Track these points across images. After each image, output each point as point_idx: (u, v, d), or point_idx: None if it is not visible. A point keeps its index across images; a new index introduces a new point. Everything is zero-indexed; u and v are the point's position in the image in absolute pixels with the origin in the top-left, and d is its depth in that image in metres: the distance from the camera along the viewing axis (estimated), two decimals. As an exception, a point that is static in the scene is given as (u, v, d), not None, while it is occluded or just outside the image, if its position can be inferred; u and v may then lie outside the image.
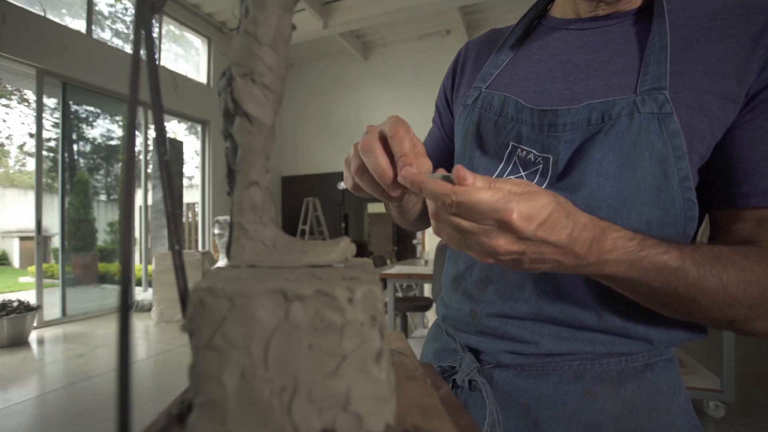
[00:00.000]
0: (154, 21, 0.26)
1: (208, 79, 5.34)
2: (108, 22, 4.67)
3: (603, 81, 0.46)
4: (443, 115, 0.67)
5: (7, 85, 4.37)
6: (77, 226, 4.26)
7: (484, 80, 0.56)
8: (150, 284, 4.37)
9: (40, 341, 3.33)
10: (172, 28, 4.98)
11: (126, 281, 0.19)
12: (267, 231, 0.24)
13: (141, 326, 3.82)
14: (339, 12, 4.62)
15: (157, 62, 0.25)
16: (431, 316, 3.28)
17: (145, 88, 0.25)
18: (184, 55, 5.46)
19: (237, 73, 0.25)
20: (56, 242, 4.62)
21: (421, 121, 5.64)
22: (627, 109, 0.43)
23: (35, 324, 3.46)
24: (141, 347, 3.18)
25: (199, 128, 5.31)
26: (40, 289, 3.71)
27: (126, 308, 0.18)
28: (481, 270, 0.50)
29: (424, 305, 2.74)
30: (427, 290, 3.50)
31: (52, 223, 4.45)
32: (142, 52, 0.23)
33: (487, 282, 0.49)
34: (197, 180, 5.51)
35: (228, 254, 0.25)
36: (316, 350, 0.17)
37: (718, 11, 0.44)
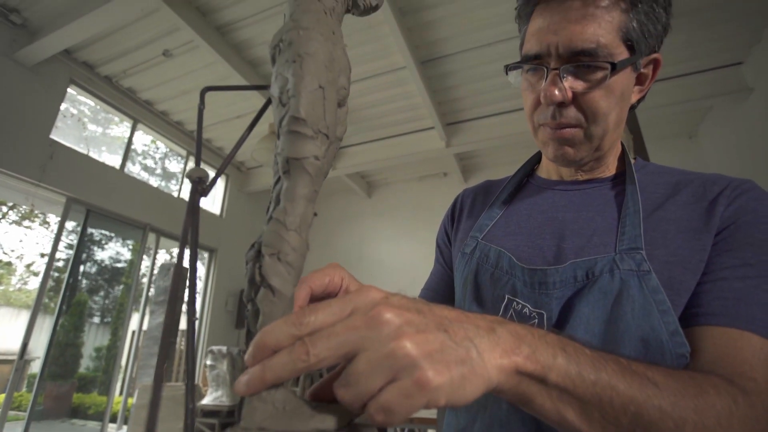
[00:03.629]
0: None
1: (221, 210, 5.67)
2: (140, 158, 5.20)
3: (586, 239, 0.51)
4: (444, 252, 0.71)
5: (35, 210, 4.65)
6: (63, 350, 4.06)
7: (481, 230, 0.61)
8: (126, 421, 3.96)
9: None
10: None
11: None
12: (278, 393, 0.26)
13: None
14: (347, 156, 5.16)
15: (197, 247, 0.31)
16: (434, 470, 2.88)
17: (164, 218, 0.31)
18: (203, 187, 5.91)
19: (266, 253, 0.29)
20: (36, 367, 4.35)
21: (421, 255, 5.77)
22: (608, 266, 0.46)
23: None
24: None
25: (206, 255, 5.46)
26: (1, 424, 3.36)
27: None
28: (481, 428, 0.49)
29: (425, 456, 2.44)
30: (430, 437, 3.15)
31: (38, 345, 4.25)
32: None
33: None
34: (196, 305, 5.43)
35: (239, 415, 0.27)
36: None
37: (679, 182, 0.52)
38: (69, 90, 3.87)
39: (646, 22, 0.49)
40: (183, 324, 5.52)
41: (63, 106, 3.80)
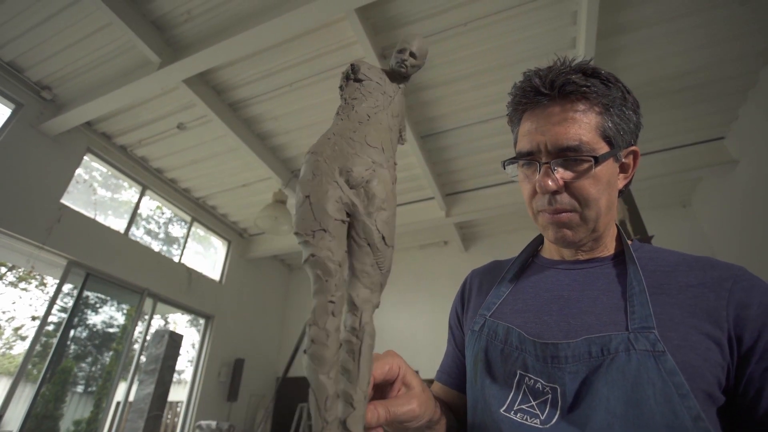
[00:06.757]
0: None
1: (221, 276, 5.64)
2: (144, 222, 5.29)
3: (595, 317, 0.52)
4: (456, 334, 0.73)
5: (34, 272, 4.64)
6: (39, 423, 3.81)
7: (488, 308, 0.64)
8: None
9: None
10: (199, 231, 5.58)
11: None
12: None
13: None
14: (349, 223, 5.26)
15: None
16: None
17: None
18: (203, 252, 5.92)
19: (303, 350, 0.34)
20: (8, 442, 4.04)
21: (422, 324, 5.62)
22: (623, 344, 0.47)
23: None
24: None
25: (202, 322, 5.34)
26: (-36, 508, 3.07)
27: None
28: None
29: None
30: None
31: (13, 417, 4.00)
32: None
33: None
34: (187, 375, 5.20)
35: None
36: None
37: (678, 263, 0.55)
38: (84, 157, 4.05)
39: (619, 122, 0.57)
40: (174, 395, 5.24)
41: (77, 172, 3.96)
